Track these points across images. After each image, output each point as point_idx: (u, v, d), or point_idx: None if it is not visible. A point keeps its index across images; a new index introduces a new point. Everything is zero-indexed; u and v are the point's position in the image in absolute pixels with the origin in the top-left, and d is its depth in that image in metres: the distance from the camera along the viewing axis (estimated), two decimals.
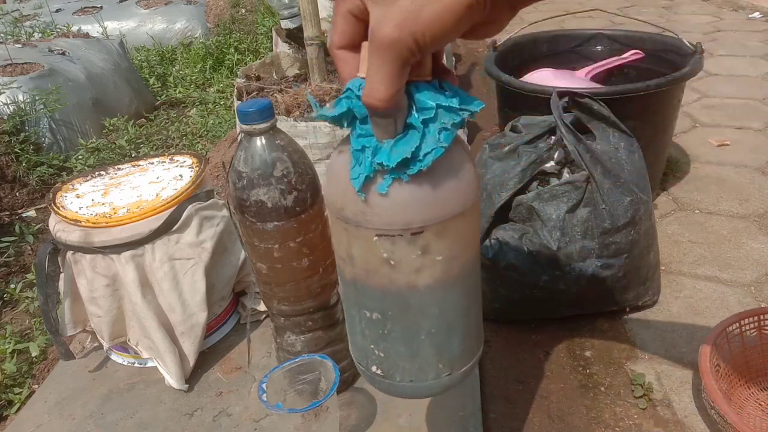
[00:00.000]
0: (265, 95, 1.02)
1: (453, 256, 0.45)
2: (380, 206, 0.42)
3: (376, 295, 0.48)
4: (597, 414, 0.79)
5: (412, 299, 0.47)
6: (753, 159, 1.44)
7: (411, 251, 0.44)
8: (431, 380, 0.51)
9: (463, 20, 0.33)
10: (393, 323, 0.49)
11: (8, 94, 1.87)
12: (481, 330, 0.53)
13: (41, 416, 0.84)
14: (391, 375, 0.52)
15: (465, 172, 0.43)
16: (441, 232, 0.43)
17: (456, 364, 0.51)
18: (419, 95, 0.39)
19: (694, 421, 0.77)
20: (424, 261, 0.45)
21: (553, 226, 0.86)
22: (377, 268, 0.46)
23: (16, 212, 1.60)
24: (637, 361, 0.87)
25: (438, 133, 0.39)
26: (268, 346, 0.91)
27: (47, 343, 1.07)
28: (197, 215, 0.84)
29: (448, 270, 0.46)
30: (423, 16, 0.32)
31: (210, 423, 0.79)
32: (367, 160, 0.40)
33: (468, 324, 0.50)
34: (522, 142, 0.91)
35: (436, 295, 0.47)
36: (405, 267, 0.45)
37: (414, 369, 0.51)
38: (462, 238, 0.45)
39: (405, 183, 0.40)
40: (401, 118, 0.39)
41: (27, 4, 3.71)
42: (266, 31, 3.03)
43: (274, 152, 0.64)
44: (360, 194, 0.42)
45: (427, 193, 0.41)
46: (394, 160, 0.39)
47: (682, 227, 1.19)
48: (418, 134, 0.39)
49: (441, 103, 0.38)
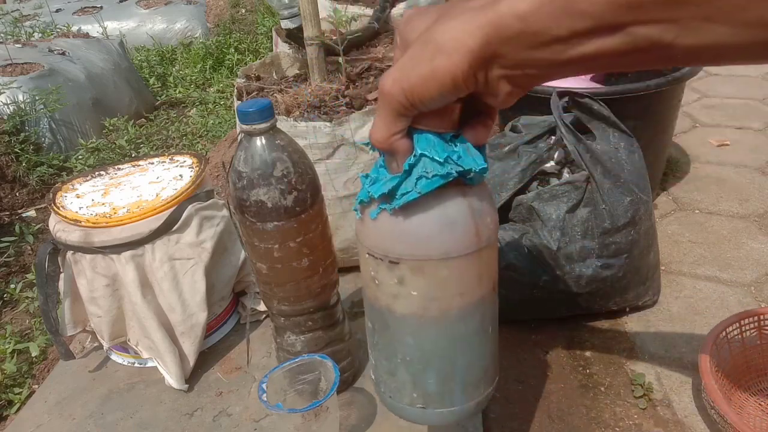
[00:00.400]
0: (265, 95, 1.02)
1: (431, 297, 0.47)
2: (370, 229, 0.47)
3: (368, 306, 0.52)
4: (597, 414, 0.79)
5: (390, 321, 0.50)
6: (753, 159, 1.44)
7: (390, 277, 0.47)
8: (406, 404, 0.53)
9: (448, 88, 0.34)
10: (378, 336, 0.52)
11: (8, 94, 1.87)
12: (475, 384, 0.53)
13: (41, 416, 0.84)
14: (378, 383, 0.55)
15: (455, 223, 0.45)
16: (416, 269, 0.46)
17: (431, 402, 0.52)
18: (418, 142, 0.41)
19: (694, 421, 0.77)
20: (400, 290, 0.48)
21: (553, 226, 0.86)
22: (368, 282, 0.50)
23: (16, 212, 1.60)
24: (637, 361, 0.87)
25: (416, 179, 0.42)
26: (268, 346, 0.91)
27: (47, 343, 1.07)
28: (197, 215, 0.84)
29: (425, 308, 0.48)
30: (412, 77, 0.35)
31: (210, 423, 0.79)
32: (366, 187, 0.45)
33: (449, 370, 0.51)
34: (522, 142, 0.91)
35: (411, 327, 0.49)
36: (385, 289, 0.48)
37: (392, 386, 0.53)
38: (443, 282, 0.47)
39: (390, 215, 0.44)
40: (402, 159, 0.42)
41: (27, 4, 3.71)
42: (266, 31, 3.03)
43: (274, 152, 0.64)
44: (357, 214, 0.47)
45: (404, 230, 0.44)
46: (377, 192, 0.43)
47: (682, 227, 1.19)
48: (403, 175, 0.42)
49: (426, 153, 0.41)
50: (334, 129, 0.89)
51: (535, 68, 0.33)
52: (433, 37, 0.34)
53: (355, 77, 1.04)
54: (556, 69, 0.33)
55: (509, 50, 0.32)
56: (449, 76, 0.34)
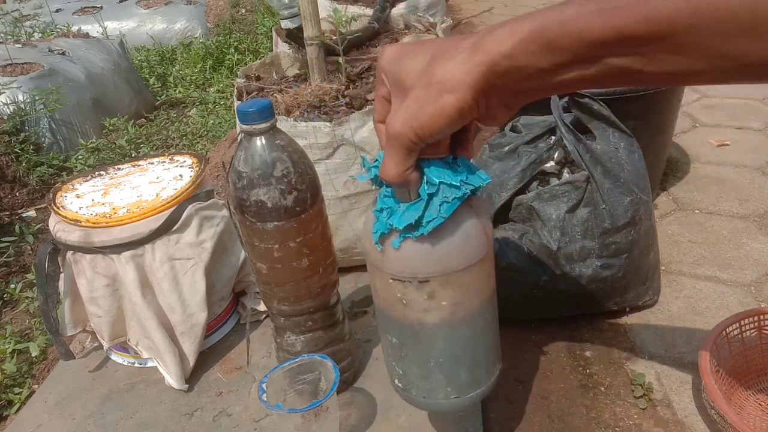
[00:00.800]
0: (265, 95, 1.02)
1: (458, 302, 0.53)
2: (393, 257, 0.51)
3: (394, 325, 0.56)
4: (597, 414, 0.79)
5: (422, 333, 0.55)
6: (753, 159, 1.44)
7: (419, 295, 0.52)
8: (441, 399, 0.59)
9: (455, 120, 0.40)
10: (408, 349, 0.57)
11: (8, 94, 1.87)
12: (493, 364, 0.61)
13: (41, 416, 0.84)
14: (408, 389, 0.60)
15: (471, 235, 0.51)
16: (445, 282, 0.51)
17: (464, 390, 0.59)
18: (429, 171, 0.46)
19: (694, 421, 0.77)
20: (431, 303, 0.53)
21: (553, 226, 0.86)
22: (393, 304, 0.55)
23: (16, 212, 1.60)
24: (637, 361, 0.87)
25: (439, 205, 0.47)
26: (268, 346, 0.91)
27: (47, 343, 1.07)
28: (197, 215, 0.84)
29: (453, 313, 0.54)
30: (421, 116, 0.39)
31: (210, 423, 0.79)
32: (384, 220, 0.49)
33: (475, 359, 0.58)
34: (522, 142, 0.91)
35: (442, 332, 0.55)
36: (415, 306, 0.53)
37: (426, 388, 0.59)
38: (466, 288, 0.53)
39: (413, 241, 0.49)
40: (414, 189, 0.47)
41: (27, 4, 3.71)
42: (266, 31, 3.03)
43: (274, 152, 0.64)
44: (378, 246, 0.51)
45: (432, 252, 0.49)
46: (402, 223, 0.47)
47: (682, 227, 1.19)
48: (422, 205, 0.47)
49: (444, 180, 0.46)
50: (334, 129, 0.89)
51: (526, 93, 0.39)
52: (436, 78, 0.38)
53: (355, 77, 1.04)
54: (544, 92, 0.39)
55: (503, 82, 0.37)
56: (456, 110, 0.38)
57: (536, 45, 0.34)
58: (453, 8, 3.39)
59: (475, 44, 0.37)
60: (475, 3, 3.48)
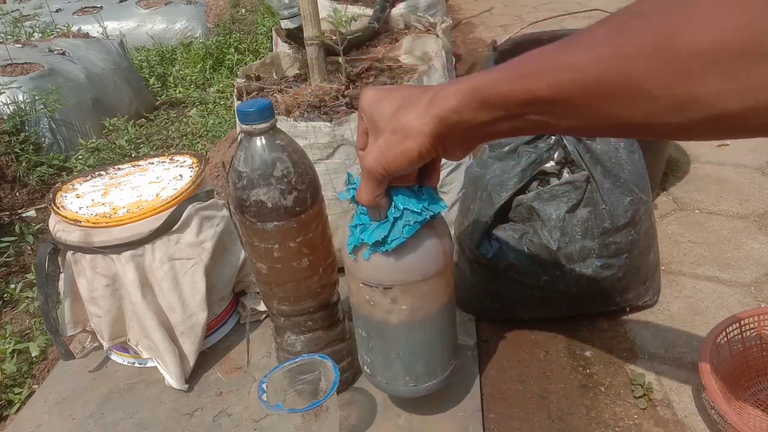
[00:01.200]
0: (265, 95, 1.02)
1: (417, 307, 0.64)
2: (363, 266, 0.62)
3: (363, 321, 0.67)
4: (597, 414, 0.79)
5: (385, 330, 0.66)
6: (753, 159, 1.44)
7: (384, 299, 0.63)
8: (401, 386, 0.71)
9: (416, 161, 0.48)
10: (374, 342, 0.68)
11: (8, 94, 1.87)
12: (447, 360, 0.71)
13: (41, 416, 0.84)
14: (374, 375, 0.72)
15: (429, 251, 0.61)
16: (406, 290, 0.62)
17: (421, 380, 0.70)
18: (396, 198, 0.57)
19: (694, 421, 0.77)
20: (393, 306, 0.63)
21: (553, 226, 0.86)
22: (363, 304, 0.65)
23: (16, 212, 1.60)
24: (637, 361, 0.87)
25: (402, 227, 0.57)
26: (268, 346, 0.91)
27: (47, 343, 1.07)
28: (197, 215, 0.84)
29: (412, 316, 0.64)
30: (389, 156, 0.49)
31: (210, 423, 0.79)
32: (357, 234, 0.60)
33: (431, 355, 0.68)
34: (522, 142, 0.91)
35: (403, 331, 0.65)
36: (380, 308, 0.64)
37: (388, 376, 0.70)
38: (425, 295, 0.63)
39: (381, 254, 0.60)
40: (384, 211, 0.57)
41: (27, 4, 3.71)
42: (266, 31, 3.03)
43: (274, 152, 0.64)
44: (351, 256, 0.62)
45: (396, 264, 0.60)
46: (371, 239, 0.58)
47: (682, 227, 1.19)
48: (388, 225, 0.57)
49: (408, 207, 0.57)
50: (334, 129, 0.89)
51: (476, 138, 0.48)
52: (400, 125, 0.47)
53: (355, 77, 1.04)
54: (491, 137, 0.46)
55: (454, 131, 0.45)
56: (416, 153, 0.47)
57: (476, 102, 0.42)
58: (453, 8, 3.39)
59: (431, 99, 0.45)
60: (475, 3, 3.48)
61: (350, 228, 0.61)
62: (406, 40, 1.13)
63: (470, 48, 2.63)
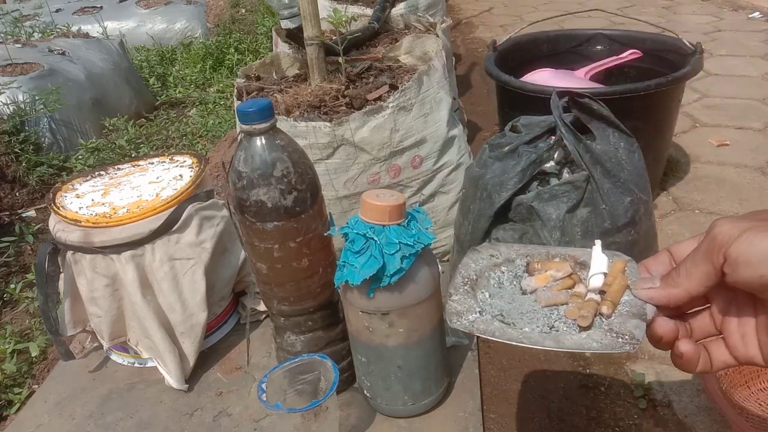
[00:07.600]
0: (265, 95, 1.02)
1: (413, 329, 0.69)
2: (360, 296, 0.66)
3: (363, 347, 0.72)
4: (597, 414, 0.79)
5: (384, 353, 0.70)
6: (753, 159, 1.44)
7: (382, 324, 0.68)
8: (400, 406, 0.75)
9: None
10: (373, 366, 0.73)
11: (8, 94, 1.86)
12: (441, 377, 0.76)
13: (41, 416, 0.84)
14: (375, 398, 0.76)
15: (422, 279, 0.67)
16: (402, 314, 0.67)
17: (418, 398, 0.74)
18: (390, 234, 0.63)
19: (694, 421, 0.77)
20: (391, 330, 0.68)
21: (553, 226, 0.85)
22: (362, 330, 0.70)
23: (16, 212, 1.60)
24: (637, 361, 0.87)
25: (401, 259, 0.63)
26: (268, 346, 0.91)
27: (47, 343, 1.07)
28: (197, 215, 0.84)
29: (408, 337, 0.69)
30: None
31: (210, 423, 0.79)
32: (343, 274, 0.64)
33: (427, 373, 0.73)
34: (522, 142, 0.91)
35: (400, 353, 0.70)
36: (378, 333, 0.68)
37: (388, 396, 0.74)
38: (419, 318, 0.69)
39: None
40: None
41: (27, 4, 3.70)
42: (266, 31, 3.03)
43: (274, 152, 0.64)
44: (338, 289, 0.68)
45: (393, 292, 0.65)
46: (358, 280, 0.62)
47: (682, 227, 1.19)
48: (379, 262, 0.62)
49: (402, 241, 0.63)
50: (334, 129, 0.89)
51: None
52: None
53: (355, 77, 1.04)
54: None
55: None
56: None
57: None
58: (453, 8, 3.39)
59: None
60: (475, 3, 3.48)
61: (339, 264, 0.66)
62: (406, 40, 1.13)
63: (470, 48, 2.63)
